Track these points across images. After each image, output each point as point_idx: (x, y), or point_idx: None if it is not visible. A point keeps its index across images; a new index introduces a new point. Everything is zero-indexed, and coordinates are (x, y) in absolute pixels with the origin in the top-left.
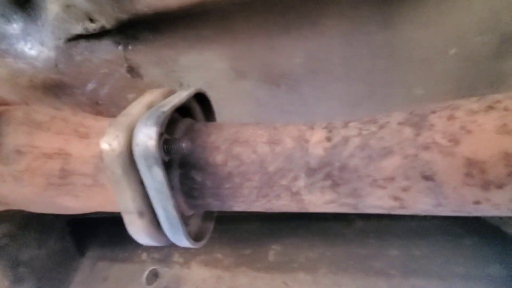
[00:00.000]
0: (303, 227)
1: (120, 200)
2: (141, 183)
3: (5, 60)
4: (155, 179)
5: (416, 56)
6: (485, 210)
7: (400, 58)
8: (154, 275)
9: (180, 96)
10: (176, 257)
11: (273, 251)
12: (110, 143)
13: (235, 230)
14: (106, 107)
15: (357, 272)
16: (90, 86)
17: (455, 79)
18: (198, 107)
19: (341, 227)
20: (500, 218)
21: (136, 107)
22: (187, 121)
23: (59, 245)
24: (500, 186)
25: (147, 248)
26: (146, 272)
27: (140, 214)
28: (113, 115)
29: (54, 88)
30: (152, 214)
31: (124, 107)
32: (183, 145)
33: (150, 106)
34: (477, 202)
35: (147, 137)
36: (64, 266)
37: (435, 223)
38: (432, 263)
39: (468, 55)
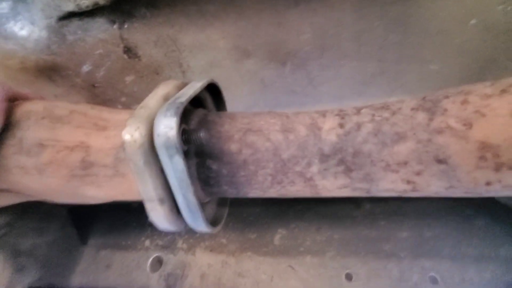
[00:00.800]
0: (310, 211)
1: (142, 188)
2: (161, 172)
3: None
4: (176, 168)
5: (432, 28)
6: (496, 191)
7: (415, 31)
8: (158, 262)
9: (194, 88)
10: (180, 244)
11: (279, 235)
12: (131, 134)
13: (239, 214)
14: (103, 90)
15: (366, 255)
16: (85, 68)
17: (474, 51)
18: (209, 97)
19: (349, 210)
20: None
21: (153, 99)
22: (200, 111)
23: (60, 233)
24: None
25: (150, 235)
26: (150, 259)
27: (161, 202)
28: (110, 99)
29: (47, 70)
30: (172, 201)
31: (121, 90)
32: (201, 134)
33: (166, 98)
34: (488, 184)
35: (167, 128)
36: (66, 254)
37: (446, 204)
38: (443, 244)
39: (488, 25)
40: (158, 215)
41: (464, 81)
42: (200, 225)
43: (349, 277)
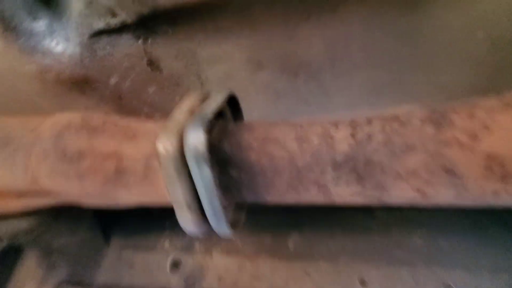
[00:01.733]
0: (323, 218)
1: (172, 194)
2: (189, 180)
3: (34, 56)
4: (204, 176)
5: (442, 40)
6: (504, 200)
7: (424, 43)
8: (177, 263)
9: (217, 101)
10: (198, 246)
11: (293, 240)
12: (164, 145)
13: (254, 219)
14: (128, 101)
15: (379, 261)
16: (113, 80)
17: (482, 62)
18: (227, 107)
19: (362, 218)
20: None
21: (180, 114)
22: (221, 123)
23: (88, 234)
24: None
25: (170, 237)
26: (170, 261)
27: (189, 206)
28: (135, 109)
29: (80, 83)
30: (198, 206)
31: (145, 101)
32: (223, 145)
33: (191, 111)
34: (496, 193)
35: (197, 141)
36: (93, 254)
37: (461, 214)
38: (458, 253)
39: (495, 37)
40: (186, 219)
41: (474, 91)
42: (223, 228)
43: (363, 282)
